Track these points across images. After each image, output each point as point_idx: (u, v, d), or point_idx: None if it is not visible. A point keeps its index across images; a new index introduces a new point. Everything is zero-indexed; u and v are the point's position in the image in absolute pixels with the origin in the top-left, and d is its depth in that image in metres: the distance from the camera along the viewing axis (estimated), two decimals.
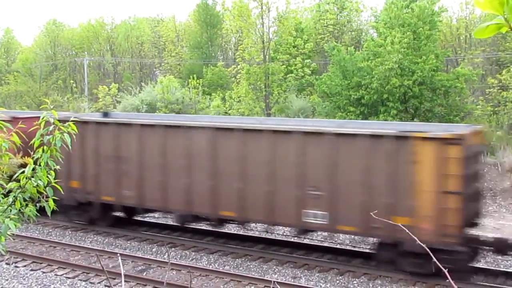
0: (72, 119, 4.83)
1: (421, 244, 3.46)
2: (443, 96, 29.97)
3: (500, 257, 17.04)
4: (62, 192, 5.41)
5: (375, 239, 16.39)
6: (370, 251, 17.44)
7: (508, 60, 38.01)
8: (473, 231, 15.97)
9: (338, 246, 19.13)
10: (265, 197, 16.85)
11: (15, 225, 4.79)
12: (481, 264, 16.78)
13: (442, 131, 15.38)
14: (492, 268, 16.76)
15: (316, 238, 19.41)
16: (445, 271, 3.07)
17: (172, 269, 16.67)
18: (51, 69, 58.86)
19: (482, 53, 39.81)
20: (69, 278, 16.21)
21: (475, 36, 1.72)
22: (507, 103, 32.29)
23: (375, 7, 60.94)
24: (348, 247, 18.79)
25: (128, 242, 19.82)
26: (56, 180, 4.96)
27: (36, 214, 5.00)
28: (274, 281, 12.91)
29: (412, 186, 14.89)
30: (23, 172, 4.82)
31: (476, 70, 32.58)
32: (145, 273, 16.58)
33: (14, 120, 15.67)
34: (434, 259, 3.31)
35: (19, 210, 4.90)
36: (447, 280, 2.93)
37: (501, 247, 15.60)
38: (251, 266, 17.32)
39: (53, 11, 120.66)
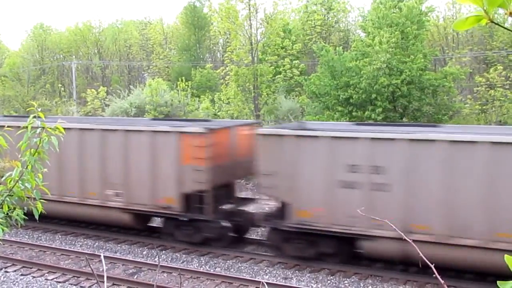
0: None
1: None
2: (432, 95, 30.05)
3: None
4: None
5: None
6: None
7: (495, 58, 38.24)
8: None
9: None
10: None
11: (2, 230, 4.74)
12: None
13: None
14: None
15: None
16: (432, 266, 3.07)
17: (163, 271, 16.65)
18: (39, 73, 58.51)
19: (469, 52, 40.03)
20: (59, 282, 16.16)
21: (454, 28, 1.73)
22: (495, 101, 32.47)
23: (362, 7, 61.28)
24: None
25: (119, 245, 19.78)
26: (43, 183, 4.91)
27: (24, 218, 4.95)
28: (263, 282, 12.93)
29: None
30: (10, 175, 4.77)
31: (463, 69, 32.68)
32: (135, 276, 16.55)
33: None
34: (419, 252, 3.30)
35: (7, 214, 4.84)
36: (434, 276, 2.94)
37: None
38: (242, 267, 17.32)
39: (40, 15, 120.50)
